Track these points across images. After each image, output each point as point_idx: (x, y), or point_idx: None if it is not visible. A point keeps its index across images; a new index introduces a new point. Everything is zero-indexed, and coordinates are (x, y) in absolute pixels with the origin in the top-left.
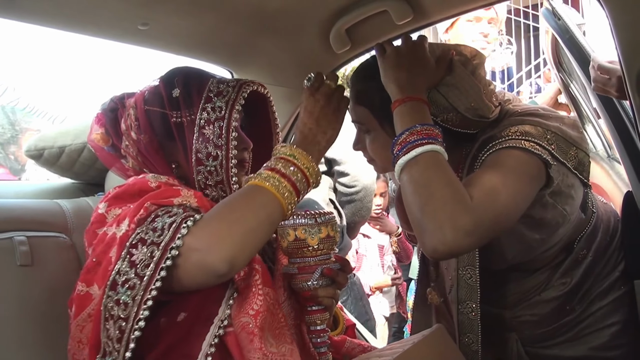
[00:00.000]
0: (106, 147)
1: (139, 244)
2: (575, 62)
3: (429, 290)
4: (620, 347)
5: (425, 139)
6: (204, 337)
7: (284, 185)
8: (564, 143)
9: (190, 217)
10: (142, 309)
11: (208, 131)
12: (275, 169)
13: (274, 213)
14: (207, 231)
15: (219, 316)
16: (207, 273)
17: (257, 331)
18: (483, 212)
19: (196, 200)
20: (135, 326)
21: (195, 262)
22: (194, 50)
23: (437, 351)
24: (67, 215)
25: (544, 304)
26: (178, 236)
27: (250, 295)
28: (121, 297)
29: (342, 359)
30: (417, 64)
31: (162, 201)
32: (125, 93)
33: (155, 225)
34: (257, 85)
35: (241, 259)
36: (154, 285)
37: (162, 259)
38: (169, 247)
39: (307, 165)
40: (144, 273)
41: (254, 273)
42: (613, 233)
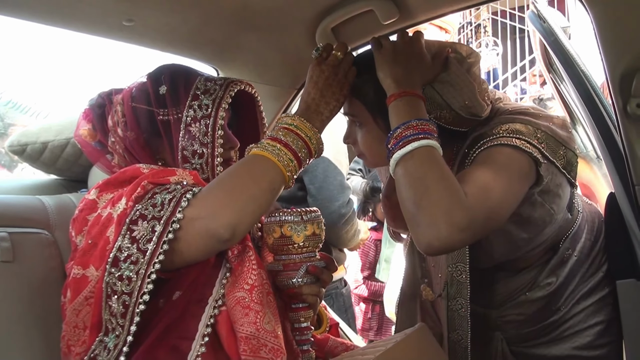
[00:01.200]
0: (93, 142)
1: (139, 220)
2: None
3: (423, 287)
4: (604, 346)
5: (421, 134)
6: (199, 318)
7: (285, 153)
8: (553, 142)
9: (189, 191)
10: (146, 282)
11: (194, 129)
12: (276, 138)
13: (275, 180)
14: (209, 200)
15: (213, 296)
16: (210, 239)
17: (252, 305)
18: (477, 208)
19: (192, 177)
20: (140, 300)
21: (199, 229)
22: (179, 47)
23: (420, 349)
24: (49, 211)
25: (530, 303)
26: (179, 209)
27: (244, 271)
28: (124, 273)
29: (325, 357)
30: (414, 59)
31: (159, 180)
32: (113, 89)
33: (154, 201)
34: (245, 84)
35: (243, 225)
36: (157, 258)
37: (164, 233)
38: (170, 220)
39: (309, 134)
40: (146, 247)
41: (247, 249)
42: (597, 234)
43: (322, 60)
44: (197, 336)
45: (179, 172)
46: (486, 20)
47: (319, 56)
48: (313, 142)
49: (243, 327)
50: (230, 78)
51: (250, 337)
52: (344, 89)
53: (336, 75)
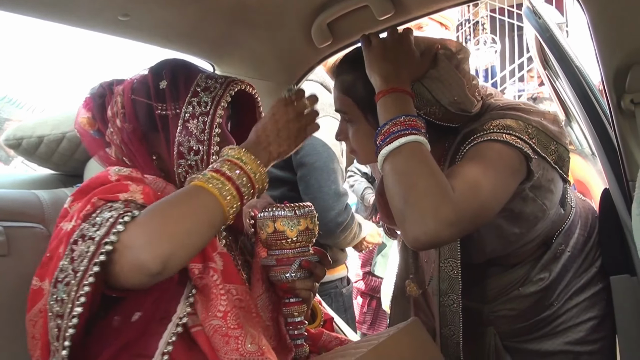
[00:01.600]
0: (92, 131)
1: (79, 240)
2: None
3: (407, 282)
4: (597, 341)
5: (409, 130)
6: (160, 336)
7: (227, 189)
8: (544, 138)
9: (128, 213)
10: (76, 305)
11: (192, 125)
12: (220, 170)
13: (214, 216)
14: (143, 229)
15: (177, 314)
16: (140, 271)
17: (230, 332)
18: (465, 203)
19: (142, 197)
20: (70, 323)
21: (129, 259)
22: (175, 42)
23: (413, 343)
24: (44, 205)
25: (523, 298)
26: (113, 231)
27: (212, 296)
28: (59, 295)
29: (319, 352)
30: (402, 56)
31: (109, 196)
32: (115, 79)
33: (95, 220)
34: (246, 84)
35: (176, 259)
36: (87, 280)
37: (95, 254)
38: (102, 241)
39: (254, 169)
40: (79, 268)
41: (210, 272)
42: (591, 229)
43: (291, 102)
44: (156, 354)
45: (132, 188)
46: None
47: (288, 97)
48: (257, 179)
49: (227, 355)
50: (232, 77)
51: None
52: (299, 139)
53: (298, 122)
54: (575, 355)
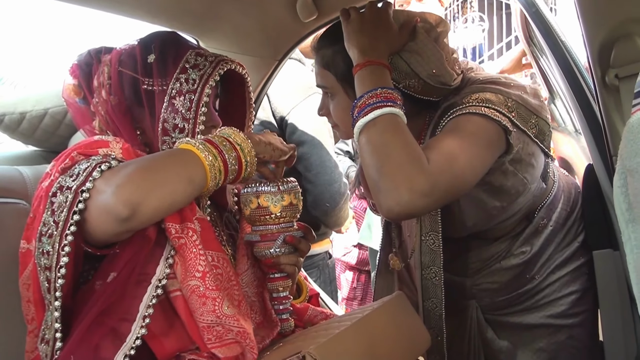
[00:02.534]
0: (78, 99)
1: (58, 192)
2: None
3: (391, 256)
4: (578, 315)
5: (384, 102)
6: (140, 299)
7: (215, 159)
8: (524, 111)
9: (105, 162)
10: (62, 255)
11: (178, 102)
12: (213, 142)
13: (194, 176)
14: (119, 175)
15: (157, 275)
16: (108, 215)
17: (208, 292)
18: (439, 174)
19: (121, 152)
20: (58, 274)
21: (99, 204)
22: (158, 16)
23: (397, 317)
24: (27, 181)
25: (504, 272)
26: (90, 179)
27: (191, 256)
28: (44, 247)
29: (304, 326)
30: (380, 29)
31: (89, 151)
32: (104, 47)
33: (73, 172)
34: (236, 64)
35: (148, 206)
36: (69, 230)
37: (74, 202)
38: (79, 189)
39: (246, 155)
40: (59, 219)
41: (189, 232)
42: (573, 204)
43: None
44: (137, 317)
45: (111, 145)
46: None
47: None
48: (247, 164)
49: (203, 317)
50: (222, 56)
51: (212, 325)
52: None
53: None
54: (556, 328)
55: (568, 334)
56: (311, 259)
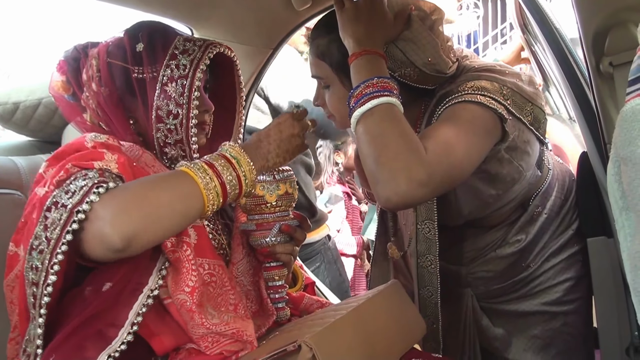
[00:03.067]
0: (67, 95)
1: (53, 207)
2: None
3: (389, 245)
4: (572, 302)
5: (381, 91)
6: (131, 307)
7: (214, 186)
8: (519, 99)
9: (103, 184)
10: (50, 273)
11: (170, 89)
12: (212, 165)
13: (192, 208)
14: (116, 202)
15: (149, 285)
16: (103, 245)
17: (194, 308)
18: (437, 163)
19: (117, 166)
20: (45, 291)
21: (95, 231)
22: (153, 4)
23: (392, 305)
24: (22, 172)
25: (499, 260)
26: (86, 200)
27: (183, 270)
28: (34, 262)
29: (300, 315)
30: (375, 18)
31: (83, 163)
32: (90, 42)
33: (68, 188)
34: (224, 47)
35: (142, 239)
36: (60, 249)
37: (68, 222)
38: (74, 209)
39: (246, 173)
40: (51, 236)
41: (183, 246)
42: (568, 192)
43: (297, 118)
44: (126, 324)
45: (107, 157)
46: None
47: (297, 114)
48: (246, 183)
49: (194, 329)
50: (210, 40)
51: (206, 335)
52: (294, 155)
53: (299, 138)
54: (551, 315)
55: (563, 321)
56: (311, 246)
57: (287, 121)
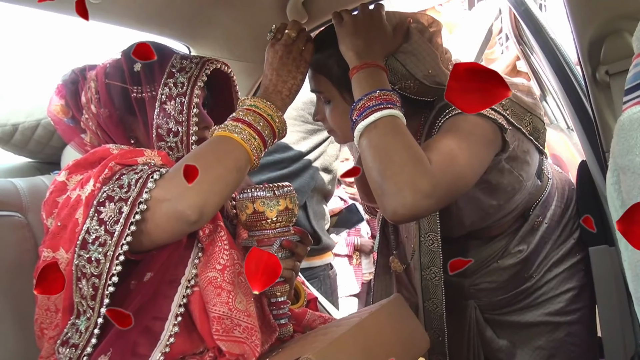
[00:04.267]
0: (66, 119)
1: (107, 202)
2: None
3: (391, 259)
4: (576, 311)
5: (384, 104)
6: (172, 299)
7: (248, 132)
8: (518, 109)
9: (156, 171)
10: (115, 264)
11: (169, 107)
12: (239, 118)
13: (240, 159)
14: (175, 181)
15: (186, 276)
16: (178, 221)
17: (224, 285)
18: (441, 174)
19: (160, 158)
20: (109, 282)
21: (166, 211)
22: (149, 23)
23: (395, 319)
24: (22, 194)
25: (502, 271)
26: (145, 190)
27: (216, 250)
28: (93, 255)
29: (303, 331)
30: (374, 31)
31: (127, 161)
32: (87, 65)
33: (121, 182)
34: (221, 64)
35: (210, 205)
36: (125, 240)
37: (131, 214)
38: (137, 201)
39: (270, 113)
40: (114, 229)
41: (219, 229)
42: (568, 201)
43: (277, 41)
44: (170, 316)
45: (147, 153)
46: None
47: (273, 37)
48: (275, 121)
49: (215, 307)
50: (206, 57)
51: (223, 317)
52: (301, 67)
53: (290, 53)
54: (555, 325)
55: (567, 331)
56: (312, 270)
57: (270, 52)
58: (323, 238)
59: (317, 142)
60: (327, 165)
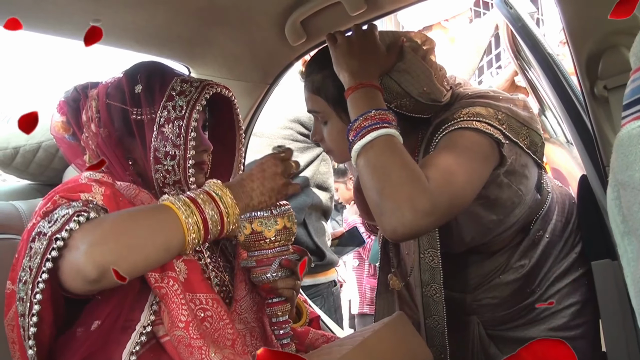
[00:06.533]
0: (67, 135)
1: (37, 237)
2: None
3: (390, 276)
4: (579, 326)
5: (380, 123)
6: (124, 346)
7: (195, 221)
8: (515, 123)
9: (84, 212)
10: (34, 303)
11: (167, 130)
12: (195, 200)
13: (172, 241)
14: (94, 231)
15: (141, 322)
16: (78, 275)
17: (193, 342)
18: (440, 192)
19: (102, 198)
20: (30, 322)
21: (72, 260)
22: (148, 45)
23: (398, 337)
24: (23, 216)
25: (504, 286)
26: (66, 228)
27: (173, 306)
28: (21, 294)
29: (306, 350)
30: (368, 51)
31: (71, 195)
32: (89, 82)
33: (52, 217)
34: (222, 87)
35: (119, 269)
36: (41, 277)
37: (47, 249)
38: (53, 236)
39: (228, 210)
40: (33, 265)
41: (169, 281)
42: (569, 215)
43: (281, 158)
44: None
45: (94, 189)
46: None
47: (279, 153)
48: (229, 220)
49: None
50: (207, 80)
51: None
52: (280, 195)
53: (284, 178)
54: None
55: (571, 346)
56: (316, 287)
57: (270, 160)
58: (327, 253)
59: (309, 160)
60: (321, 183)
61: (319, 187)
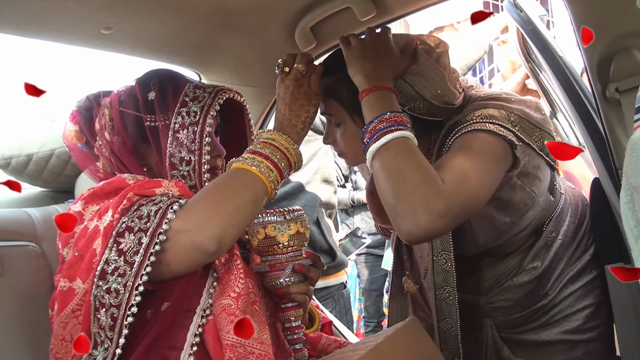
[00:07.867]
0: (80, 144)
1: (126, 232)
2: (538, 52)
3: (404, 279)
4: (593, 329)
5: (395, 126)
6: (187, 328)
7: (266, 165)
8: (527, 125)
9: (176, 202)
10: (134, 294)
11: (182, 135)
12: (255, 151)
13: (257, 192)
14: (194, 213)
15: (201, 305)
16: (197, 252)
17: (238, 313)
18: (455, 194)
19: (178, 189)
20: (128, 312)
21: (185, 243)
22: (159, 52)
23: (410, 343)
24: (37, 223)
25: (517, 288)
26: (165, 221)
27: (231, 279)
28: (112, 285)
29: (318, 355)
30: (382, 54)
31: (145, 192)
32: (102, 91)
33: (140, 213)
34: (234, 93)
35: (229, 236)
36: (145, 270)
37: (150, 245)
38: (156, 232)
39: (285, 145)
40: (134, 260)
41: (234, 257)
42: (582, 217)
43: (285, 75)
44: (185, 346)
45: (164, 184)
46: None
47: (281, 72)
48: (292, 153)
49: (229, 335)
50: (219, 86)
51: (236, 344)
52: (312, 99)
53: (300, 87)
54: (572, 344)
55: (584, 349)
56: (327, 289)
57: (280, 87)
58: (338, 253)
59: (312, 152)
60: (327, 177)
61: (325, 181)
